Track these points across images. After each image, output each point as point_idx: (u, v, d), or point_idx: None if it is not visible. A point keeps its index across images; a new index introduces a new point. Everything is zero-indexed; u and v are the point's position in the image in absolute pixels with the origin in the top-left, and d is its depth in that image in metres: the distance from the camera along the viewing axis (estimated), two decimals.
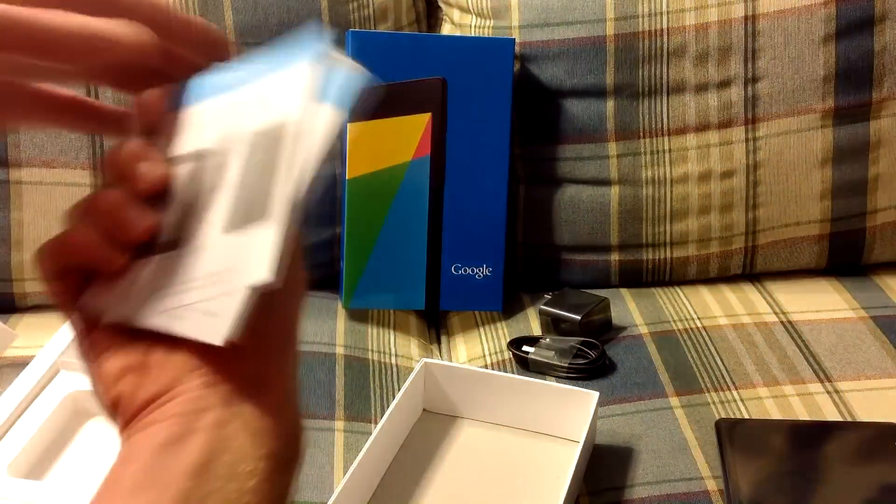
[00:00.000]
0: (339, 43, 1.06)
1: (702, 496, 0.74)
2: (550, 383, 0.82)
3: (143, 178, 0.41)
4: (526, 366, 0.91)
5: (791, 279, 1.04)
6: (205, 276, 0.40)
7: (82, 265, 0.41)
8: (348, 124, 0.98)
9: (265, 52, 0.44)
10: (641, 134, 1.02)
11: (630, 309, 1.00)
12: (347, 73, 0.42)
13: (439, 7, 1.14)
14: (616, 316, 0.98)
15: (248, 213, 0.40)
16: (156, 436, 0.35)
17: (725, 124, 1.01)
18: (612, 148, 1.03)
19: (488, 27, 1.06)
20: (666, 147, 1.02)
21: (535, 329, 0.98)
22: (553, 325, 0.95)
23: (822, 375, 0.87)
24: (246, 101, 0.43)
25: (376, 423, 0.84)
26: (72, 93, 0.44)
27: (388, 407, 0.80)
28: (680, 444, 0.79)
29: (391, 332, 0.99)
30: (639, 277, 1.05)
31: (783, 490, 0.73)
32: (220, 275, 0.39)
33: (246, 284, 0.37)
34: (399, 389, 0.84)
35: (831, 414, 0.82)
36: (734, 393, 0.85)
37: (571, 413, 0.80)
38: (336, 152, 1.01)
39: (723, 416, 0.83)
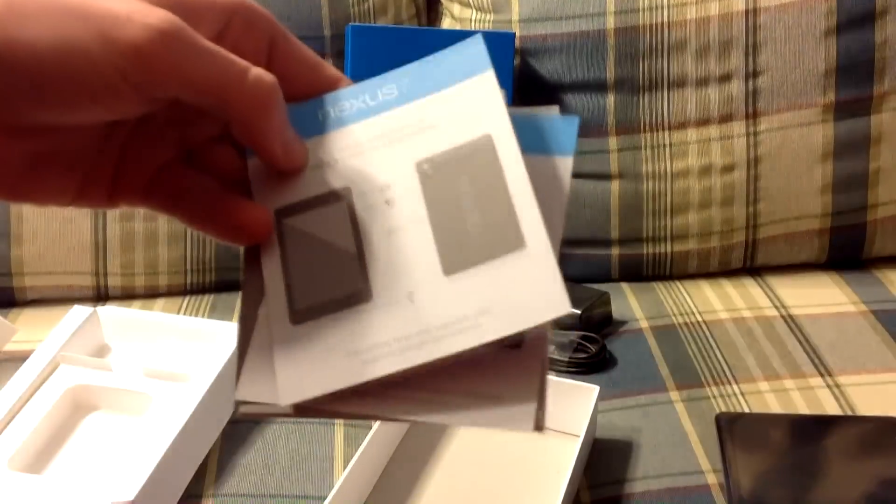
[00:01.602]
0: (339, 37, 1.06)
1: (702, 490, 0.74)
2: (551, 377, 0.82)
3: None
4: None
5: (792, 273, 1.04)
6: (439, 326, 0.34)
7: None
8: None
9: (398, 75, 0.40)
10: (642, 128, 1.02)
11: (630, 303, 1.00)
12: (556, 118, 0.38)
13: (439, 1, 1.13)
14: (616, 310, 0.98)
15: (484, 246, 0.35)
16: None
17: (726, 118, 1.01)
18: (613, 142, 1.02)
19: (488, 21, 1.05)
20: (666, 141, 1.02)
21: None
22: None
23: (823, 369, 0.87)
24: (409, 123, 0.38)
25: None
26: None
27: None
28: (680, 438, 0.79)
29: None
30: (639, 271, 1.05)
31: (783, 484, 0.73)
32: (469, 320, 0.34)
33: (539, 321, 0.33)
34: None
35: (832, 408, 0.82)
36: (734, 387, 0.85)
37: (572, 407, 0.80)
38: None
39: (723, 409, 0.82)
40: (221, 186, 0.39)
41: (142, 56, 0.33)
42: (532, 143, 0.37)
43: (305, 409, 0.34)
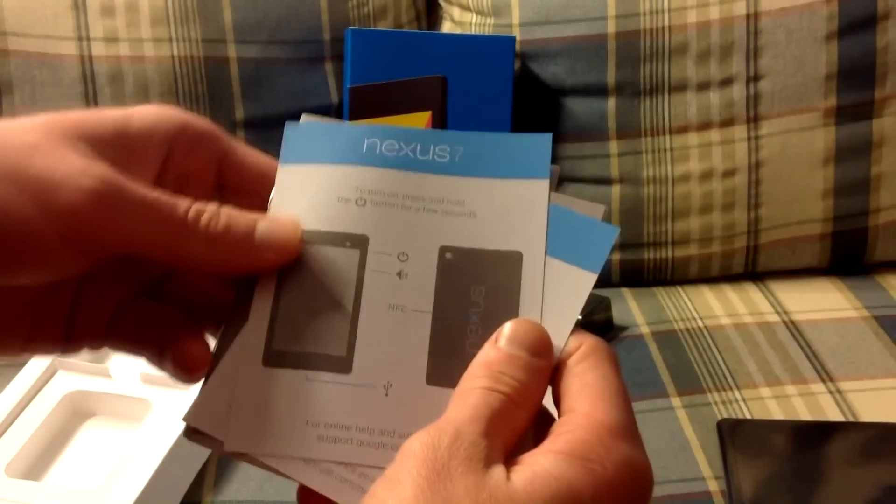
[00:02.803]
0: (339, 41, 1.06)
1: (703, 497, 0.74)
2: None
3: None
4: None
5: (793, 278, 1.04)
6: (403, 433, 0.33)
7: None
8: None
9: (455, 138, 0.38)
10: (643, 132, 1.02)
11: (631, 308, 0.99)
12: (596, 224, 0.36)
13: (439, 5, 1.13)
14: (617, 315, 0.97)
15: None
16: None
17: (727, 123, 1.01)
18: (614, 146, 1.02)
19: (489, 25, 1.05)
20: (667, 146, 1.01)
21: None
22: None
23: (825, 375, 0.87)
24: (449, 199, 0.37)
25: None
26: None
27: None
28: (681, 445, 0.79)
29: None
30: (640, 276, 1.05)
31: (785, 491, 0.72)
32: None
33: None
34: None
35: (834, 414, 0.82)
36: (736, 393, 0.85)
37: None
38: None
39: (725, 416, 0.82)
40: (184, 318, 0.37)
41: (79, 220, 0.32)
42: (564, 247, 0.36)
43: (244, 455, 0.34)
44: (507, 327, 0.34)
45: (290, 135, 0.39)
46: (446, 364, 0.34)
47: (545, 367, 0.34)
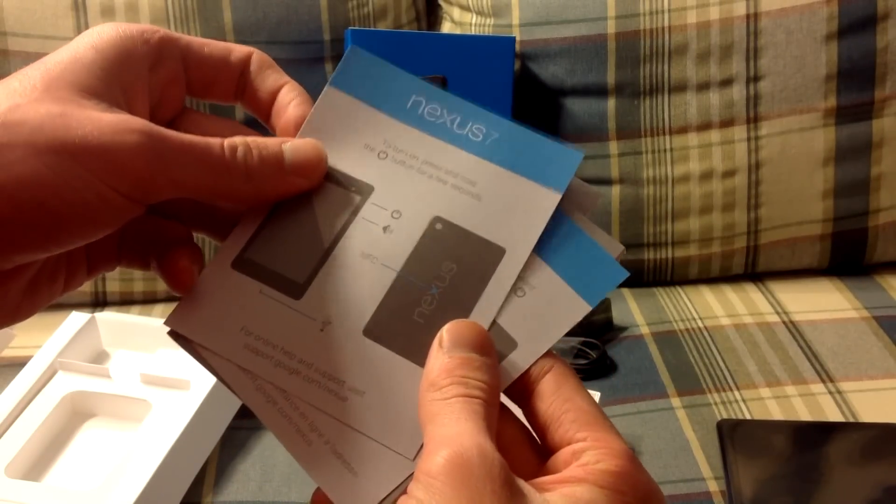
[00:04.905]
0: (339, 41, 1.06)
1: (703, 497, 0.74)
2: None
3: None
4: None
5: (793, 279, 1.04)
6: (318, 369, 0.34)
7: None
8: None
9: (495, 123, 0.39)
10: (643, 133, 1.02)
11: (631, 309, 0.99)
12: (610, 261, 0.37)
13: (439, 5, 1.13)
14: (617, 316, 0.97)
15: (408, 340, 0.34)
16: None
17: (727, 123, 1.01)
18: (613, 147, 1.02)
19: (489, 25, 1.05)
20: (667, 146, 1.01)
21: None
22: None
23: (825, 376, 0.87)
24: (462, 176, 0.38)
25: None
26: None
27: None
28: (681, 445, 0.79)
29: None
30: (640, 277, 1.05)
31: (785, 491, 0.72)
32: (342, 388, 0.34)
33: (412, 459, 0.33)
34: None
35: (834, 415, 0.82)
36: (736, 393, 0.85)
37: None
38: None
39: (724, 416, 0.82)
40: (180, 231, 0.39)
41: (136, 177, 0.34)
42: (574, 272, 0.36)
43: (181, 339, 0.36)
44: (446, 331, 0.34)
45: (349, 58, 0.40)
46: (389, 323, 0.35)
47: (494, 363, 0.34)
